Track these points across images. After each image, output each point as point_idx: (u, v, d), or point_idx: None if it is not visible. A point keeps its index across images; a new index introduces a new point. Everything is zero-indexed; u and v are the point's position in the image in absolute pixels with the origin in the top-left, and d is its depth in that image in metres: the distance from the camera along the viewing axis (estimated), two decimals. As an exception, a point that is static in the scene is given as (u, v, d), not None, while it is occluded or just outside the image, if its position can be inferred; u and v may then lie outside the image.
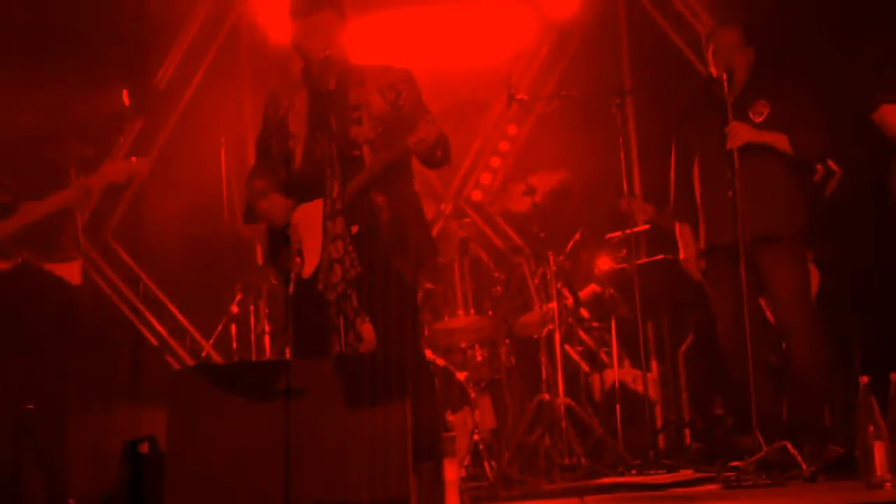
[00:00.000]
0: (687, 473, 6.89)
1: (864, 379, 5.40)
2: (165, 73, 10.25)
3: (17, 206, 7.09)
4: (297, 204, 6.24)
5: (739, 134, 6.96)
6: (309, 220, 6.17)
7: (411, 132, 5.98)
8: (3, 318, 6.97)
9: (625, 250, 8.40)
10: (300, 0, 6.37)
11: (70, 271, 7.23)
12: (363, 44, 7.34)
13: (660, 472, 7.03)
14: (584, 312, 8.63)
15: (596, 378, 8.73)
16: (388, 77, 6.28)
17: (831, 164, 7.58)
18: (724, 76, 7.01)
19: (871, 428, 5.37)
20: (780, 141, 7.11)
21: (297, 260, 6.17)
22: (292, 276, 6.19)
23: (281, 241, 6.28)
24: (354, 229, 6.04)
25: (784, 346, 7.49)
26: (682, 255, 7.51)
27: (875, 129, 7.12)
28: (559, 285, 8.11)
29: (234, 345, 8.92)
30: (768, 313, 7.63)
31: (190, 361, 10.02)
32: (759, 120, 7.16)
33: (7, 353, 6.97)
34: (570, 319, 8.39)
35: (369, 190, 6.10)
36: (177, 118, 10.25)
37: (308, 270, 6.14)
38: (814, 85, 7.44)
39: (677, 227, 7.52)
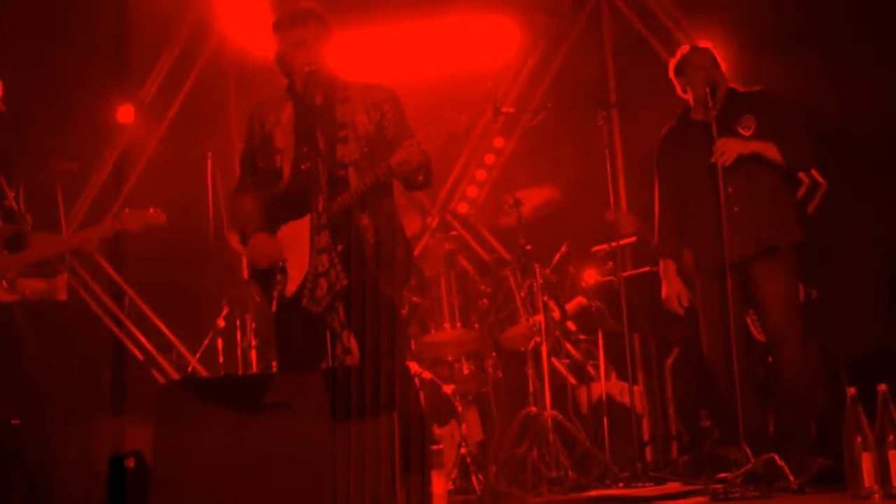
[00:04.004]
0: (674, 486, 6.90)
1: (852, 390, 5.42)
2: (151, 88, 10.24)
3: (30, 236, 7.06)
4: (284, 223, 6.23)
5: (729, 148, 6.96)
6: (293, 238, 6.19)
7: (394, 153, 5.97)
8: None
9: (611, 263, 8.43)
10: (283, 14, 6.39)
11: (56, 286, 7.21)
12: (350, 57, 7.36)
13: (647, 484, 7.04)
14: (571, 325, 8.63)
15: (583, 391, 8.73)
16: (373, 95, 6.29)
17: (817, 176, 7.58)
18: (708, 91, 7.02)
19: (859, 439, 5.39)
20: (770, 150, 7.10)
21: (279, 277, 6.17)
22: (275, 293, 6.19)
23: None
24: (339, 248, 6.05)
25: (770, 359, 7.49)
26: (664, 294, 7.47)
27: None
28: (546, 298, 8.12)
29: (221, 359, 8.91)
30: (752, 329, 7.64)
31: (176, 376, 10.02)
32: (747, 134, 7.17)
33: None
34: (556, 332, 8.39)
35: (354, 210, 6.10)
36: (163, 132, 10.24)
37: (291, 288, 6.14)
38: (795, 95, 7.46)
39: (661, 264, 7.49)
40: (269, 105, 6.41)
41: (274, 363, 7.40)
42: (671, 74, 7.43)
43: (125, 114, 9.97)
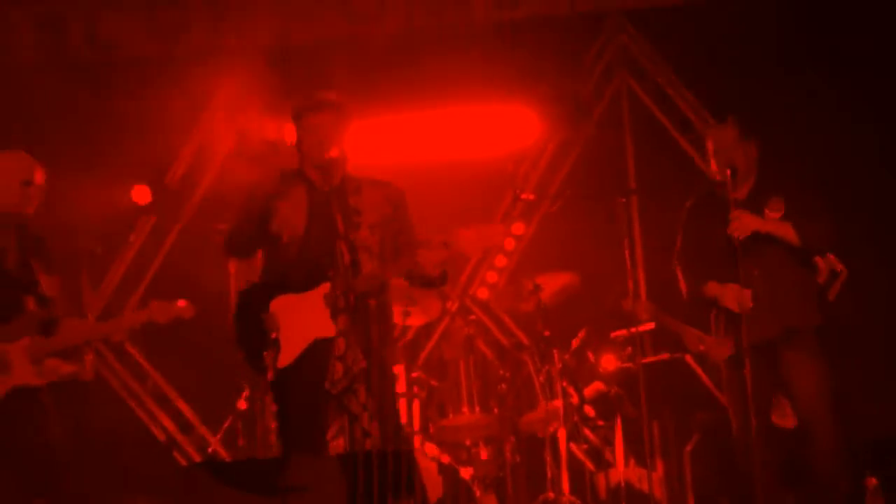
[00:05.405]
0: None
1: (873, 480, 5.35)
2: (178, 172, 10.29)
3: (60, 321, 7.09)
4: (279, 295, 6.25)
5: (746, 223, 6.90)
6: (288, 310, 6.21)
7: (413, 255, 6.10)
8: (22, 423, 6.95)
9: (630, 349, 8.38)
10: (302, 102, 6.47)
11: (82, 367, 7.22)
12: (374, 143, 7.44)
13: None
14: (589, 410, 8.56)
15: (601, 477, 8.65)
16: (384, 191, 6.44)
17: (835, 262, 7.52)
18: (728, 172, 6.97)
19: (880, 530, 5.32)
20: (786, 230, 7.05)
21: (271, 348, 6.18)
22: (268, 362, 6.18)
23: (254, 327, 6.27)
24: (357, 331, 6.09)
25: (795, 444, 7.40)
26: (721, 296, 7.34)
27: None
28: (564, 383, 8.09)
29: (241, 441, 8.88)
30: (777, 412, 7.56)
31: (197, 456, 10.00)
32: (776, 216, 7.13)
33: (20, 450, 6.97)
34: (574, 417, 8.33)
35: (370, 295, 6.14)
36: (188, 216, 10.28)
37: (284, 360, 6.15)
38: (817, 174, 7.45)
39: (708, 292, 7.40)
40: (280, 182, 6.46)
41: (277, 444, 7.39)
42: (705, 151, 7.38)
43: (142, 195, 9.97)
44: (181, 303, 7.08)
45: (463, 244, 6.06)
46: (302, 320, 6.13)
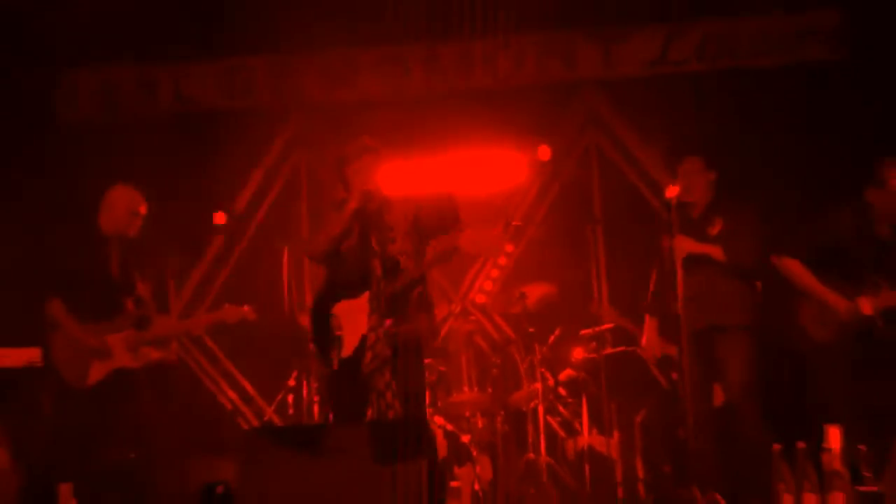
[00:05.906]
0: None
1: (777, 446, 5.48)
2: (242, 201, 10.39)
3: (152, 318, 7.26)
4: (340, 300, 6.39)
5: (681, 247, 7.03)
6: (349, 312, 6.39)
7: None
8: (122, 396, 7.10)
9: (594, 343, 8.47)
10: (349, 147, 6.68)
11: (168, 353, 7.39)
12: (398, 178, 7.54)
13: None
14: (562, 391, 8.66)
15: (570, 442, 8.72)
16: (406, 206, 6.60)
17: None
18: (676, 196, 7.01)
19: (782, 485, 5.44)
20: (715, 251, 7.18)
21: (335, 345, 6.33)
22: (333, 354, 6.34)
23: (324, 328, 6.45)
24: (386, 324, 6.24)
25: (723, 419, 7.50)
26: (643, 342, 7.56)
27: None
28: (543, 370, 8.21)
29: (291, 410, 8.98)
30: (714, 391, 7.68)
31: (256, 422, 10.06)
32: (713, 233, 7.24)
33: (120, 416, 7.12)
34: (550, 396, 8.44)
35: (405, 293, 6.32)
36: (251, 235, 10.37)
37: (346, 352, 6.30)
38: (752, 201, 7.51)
39: (647, 318, 7.54)
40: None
41: (331, 415, 7.50)
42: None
43: (218, 218, 10.03)
44: (246, 307, 7.27)
45: (465, 243, 6.24)
46: (358, 320, 6.32)
